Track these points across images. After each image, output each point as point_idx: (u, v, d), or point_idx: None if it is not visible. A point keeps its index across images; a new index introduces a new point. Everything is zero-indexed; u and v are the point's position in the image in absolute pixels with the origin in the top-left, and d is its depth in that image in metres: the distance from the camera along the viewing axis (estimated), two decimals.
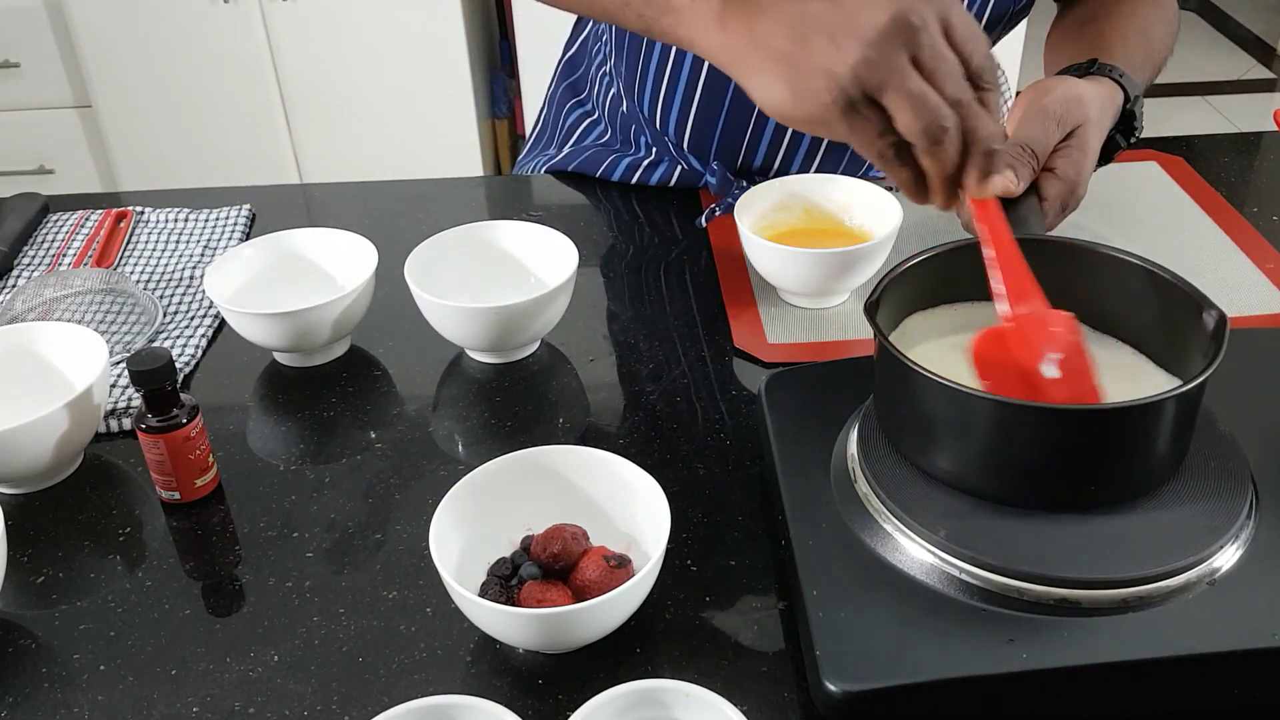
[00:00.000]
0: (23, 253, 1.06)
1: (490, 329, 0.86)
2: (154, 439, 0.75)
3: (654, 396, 0.86)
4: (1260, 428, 0.69)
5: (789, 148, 1.08)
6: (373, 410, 0.87)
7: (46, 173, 2.66)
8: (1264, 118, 3.31)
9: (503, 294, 0.91)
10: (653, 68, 1.06)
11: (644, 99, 1.09)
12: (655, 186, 1.14)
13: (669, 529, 0.65)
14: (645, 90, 1.08)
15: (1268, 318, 0.91)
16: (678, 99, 1.06)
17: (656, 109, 1.08)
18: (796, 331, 0.92)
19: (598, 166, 1.15)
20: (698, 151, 1.10)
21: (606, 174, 1.15)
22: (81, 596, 0.72)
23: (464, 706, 0.57)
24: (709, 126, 1.07)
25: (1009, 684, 0.57)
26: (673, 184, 1.12)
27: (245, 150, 2.62)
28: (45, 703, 0.65)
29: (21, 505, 0.79)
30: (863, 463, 0.68)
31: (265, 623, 0.69)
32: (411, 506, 0.77)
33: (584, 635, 0.64)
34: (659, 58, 1.05)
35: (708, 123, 1.07)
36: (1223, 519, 0.62)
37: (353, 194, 1.17)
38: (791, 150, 1.08)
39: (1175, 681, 0.58)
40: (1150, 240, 1.02)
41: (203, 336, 0.94)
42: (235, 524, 0.77)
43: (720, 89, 1.04)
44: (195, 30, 2.45)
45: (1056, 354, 0.65)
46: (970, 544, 0.61)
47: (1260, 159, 1.18)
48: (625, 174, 1.14)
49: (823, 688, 0.57)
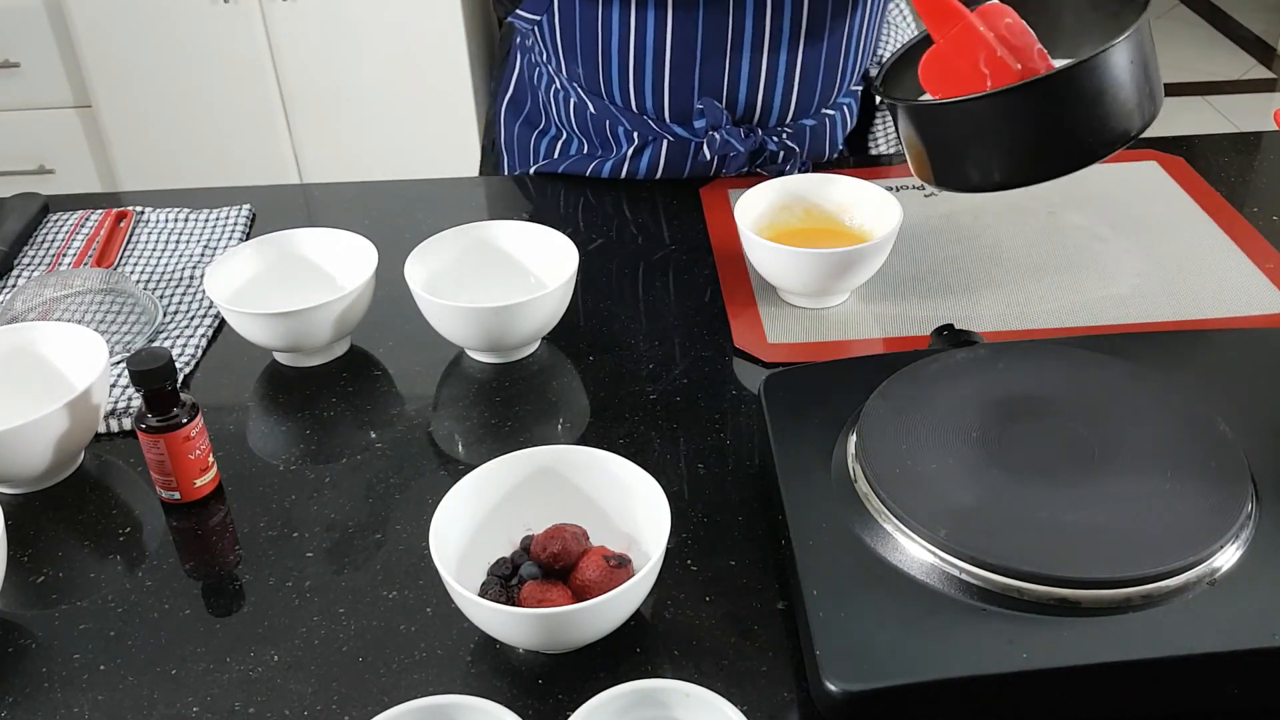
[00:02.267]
0: (23, 253, 1.06)
1: (490, 329, 0.86)
2: (154, 439, 0.75)
3: (654, 396, 0.86)
4: (1260, 428, 0.69)
5: (766, 85, 1.07)
6: (373, 410, 0.87)
7: (46, 173, 2.66)
8: (1264, 118, 3.31)
9: (503, 294, 0.91)
10: (615, 53, 1.06)
11: (613, 88, 1.09)
12: (645, 179, 1.14)
13: (669, 529, 0.65)
14: (613, 79, 1.08)
15: (1268, 318, 0.91)
16: (648, 73, 1.06)
17: (629, 92, 1.08)
18: (796, 331, 0.92)
19: (583, 171, 1.15)
20: (681, 118, 1.10)
21: (595, 174, 1.15)
22: (81, 596, 0.72)
23: (464, 706, 0.57)
24: (686, 87, 1.07)
25: (1009, 684, 0.57)
26: (662, 164, 1.12)
27: (245, 150, 2.61)
28: (45, 703, 0.65)
29: (21, 505, 0.79)
30: (863, 463, 0.68)
31: (265, 623, 0.69)
32: (411, 506, 0.77)
33: (584, 635, 0.64)
34: (619, 40, 1.05)
35: (684, 84, 1.07)
36: (1223, 519, 0.62)
37: (353, 194, 1.17)
38: (770, 86, 1.07)
39: (1175, 681, 0.58)
40: (1150, 240, 1.02)
41: (203, 336, 0.94)
42: (235, 524, 0.77)
43: (689, 40, 1.04)
44: (195, 30, 2.45)
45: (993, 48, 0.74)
46: (970, 544, 0.61)
47: (1260, 159, 1.18)
48: (613, 172, 1.14)
49: (823, 688, 0.57)
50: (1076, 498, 0.64)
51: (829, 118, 1.13)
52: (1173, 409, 0.70)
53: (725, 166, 1.12)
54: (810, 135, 1.12)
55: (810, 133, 1.12)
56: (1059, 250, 1.01)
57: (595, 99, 1.11)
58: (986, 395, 0.73)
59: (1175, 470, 0.66)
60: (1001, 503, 0.65)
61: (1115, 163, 1.13)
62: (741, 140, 1.08)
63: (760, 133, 1.09)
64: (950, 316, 0.92)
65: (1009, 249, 1.01)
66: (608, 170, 1.14)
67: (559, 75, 1.13)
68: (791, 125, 1.11)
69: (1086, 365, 0.75)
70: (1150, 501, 0.64)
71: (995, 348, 0.78)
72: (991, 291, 0.96)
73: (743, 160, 1.10)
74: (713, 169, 1.13)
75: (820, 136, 1.14)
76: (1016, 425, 0.70)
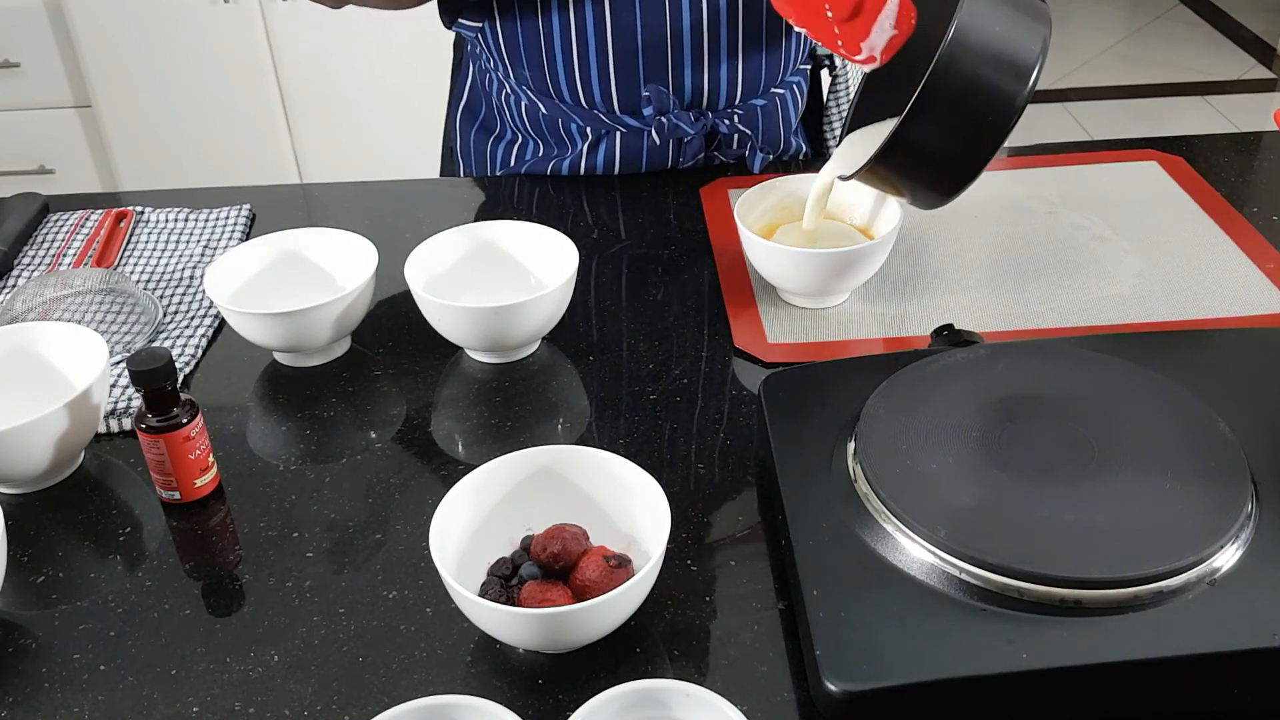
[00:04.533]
0: (23, 253, 1.06)
1: (490, 329, 0.86)
2: (154, 439, 0.75)
3: (654, 396, 0.86)
4: (1260, 428, 0.69)
5: (710, 66, 1.07)
6: (373, 410, 0.87)
7: (46, 173, 2.66)
8: (1264, 118, 3.31)
9: (503, 294, 0.91)
10: (558, 51, 1.06)
11: (561, 86, 1.09)
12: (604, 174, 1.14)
13: (669, 529, 0.65)
14: (559, 77, 1.08)
15: (1268, 318, 0.91)
16: (593, 64, 1.06)
17: (577, 88, 1.09)
18: (796, 331, 0.92)
19: (543, 172, 1.16)
20: (630, 109, 1.10)
21: (555, 173, 1.16)
22: (81, 596, 0.72)
23: (464, 706, 0.57)
24: (632, 77, 1.07)
25: (1009, 684, 0.57)
26: (618, 157, 1.13)
27: (245, 150, 2.61)
28: (45, 703, 0.65)
29: (21, 505, 0.79)
30: (863, 463, 0.68)
31: (265, 623, 0.69)
32: (411, 506, 0.77)
33: (584, 635, 0.64)
34: (560, 38, 1.06)
35: (630, 74, 1.07)
36: (1223, 519, 0.62)
37: (353, 194, 1.17)
38: (714, 67, 1.08)
39: (1175, 681, 0.58)
40: (1150, 240, 1.02)
41: (203, 336, 0.94)
42: (235, 524, 0.77)
43: (629, 33, 1.04)
44: (195, 30, 2.45)
45: None
46: (970, 544, 0.61)
47: (1260, 159, 1.18)
48: (572, 169, 1.15)
49: (823, 688, 0.57)
50: (1076, 498, 0.64)
51: (779, 97, 1.14)
52: (1173, 409, 0.70)
53: (681, 154, 1.13)
54: (762, 116, 1.13)
55: (762, 114, 1.13)
56: (1059, 250, 1.01)
57: (545, 99, 1.12)
58: (986, 395, 0.73)
59: (1175, 470, 0.66)
60: (1001, 503, 0.65)
61: (1115, 162, 1.14)
62: (691, 124, 1.09)
63: (711, 116, 1.10)
64: (950, 316, 0.92)
65: (1009, 249, 1.01)
66: (565, 169, 1.15)
67: (508, 80, 1.14)
68: (742, 106, 1.12)
69: (1086, 365, 0.75)
70: (1150, 501, 0.64)
71: (995, 348, 0.78)
72: (991, 291, 0.96)
73: (699, 146, 1.11)
74: (670, 159, 1.13)
75: (773, 117, 1.14)
76: (1016, 425, 0.70)
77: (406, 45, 2.48)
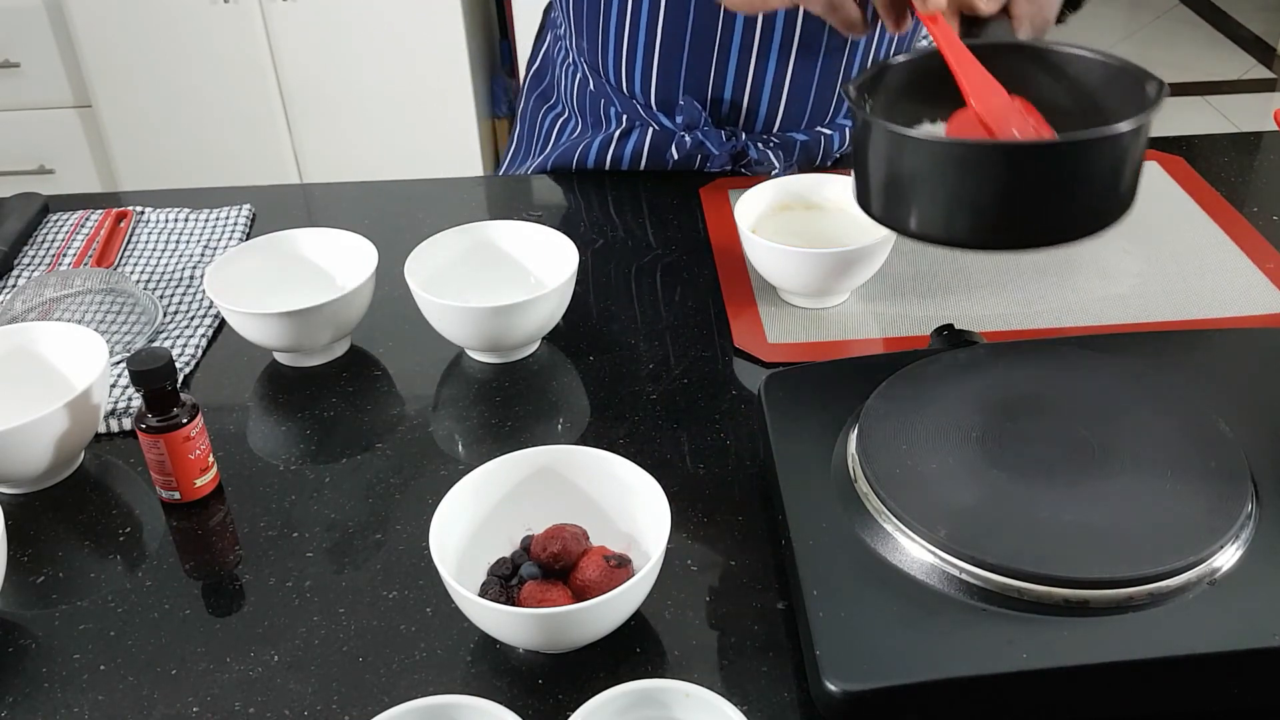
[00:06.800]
0: (23, 253, 1.06)
1: (490, 329, 0.86)
2: (154, 439, 0.75)
3: (654, 396, 0.86)
4: (1260, 428, 0.69)
5: (752, 92, 1.07)
6: (373, 410, 0.87)
7: (46, 173, 2.66)
8: (1264, 118, 3.31)
9: (503, 294, 0.91)
10: (613, 28, 1.07)
11: (608, 64, 1.10)
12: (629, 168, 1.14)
13: (669, 529, 0.65)
14: (609, 54, 1.09)
15: (1268, 318, 0.91)
16: (640, 53, 1.07)
17: (621, 70, 1.09)
18: (796, 331, 0.92)
19: (572, 157, 1.16)
20: (665, 108, 1.11)
21: (581, 161, 1.16)
22: (81, 596, 0.72)
23: (464, 706, 0.57)
24: (671, 78, 1.08)
25: (1009, 684, 0.57)
26: (645, 153, 1.13)
27: (245, 150, 2.62)
28: (45, 703, 0.65)
29: (21, 505, 0.79)
30: (863, 463, 0.68)
31: (265, 623, 0.69)
32: (411, 506, 0.77)
33: (584, 635, 0.64)
34: (617, 16, 1.06)
35: (669, 74, 1.07)
36: (1223, 519, 0.62)
37: (353, 194, 1.17)
38: (757, 88, 1.07)
39: (1175, 681, 0.58)
40: (1150, 240, 1.02)
41: (203, 336, 0.94)
42: (235, 524, 0.77)
43: (679, 32, 1.04)
44: (195, 30, 2.45)
45: (1022, 127, 0.71)
46: (970, 544, 0.61)
47: (1260, 159, 1.18)
48: (598, 156, 1.15)
49: (823, 688, 0.57)
50: (1076, 498, 0.64)
51: (824, 136, 1.13)
52: (1173, 409, 0.70)
53: (709, 163, 1.12)
54: (800, 149, 1.12)
55: (801, 147, 1.12)
56: (1059, 250, 1.01)
57: (595, 75, 1.13)
58: (986, 395, 0.73)
59: (1175, 470, 0.65)
60: (1001, 503, 0.65)
61: None
62: (721, 144, 1.08)
63: (743, 137, 1.10)
64: (950, 316, 0.92)
65: None
66: (594, 152, 1.15)
67: (572, 49, 1.15)
68: (779, 136, 1.11)
69: (1086, 365, 0.74)
70: (1150, 501, 0.64)
71: (995, 348, 0.78)
72: (991, 291, 0.96)
73: (725, 159, 1.10)
74: (696, 163, 1.13)
75: (811, 151, 1.13)
76: (1016, 425, 0.70)
77: (407, 45, 2.49)
